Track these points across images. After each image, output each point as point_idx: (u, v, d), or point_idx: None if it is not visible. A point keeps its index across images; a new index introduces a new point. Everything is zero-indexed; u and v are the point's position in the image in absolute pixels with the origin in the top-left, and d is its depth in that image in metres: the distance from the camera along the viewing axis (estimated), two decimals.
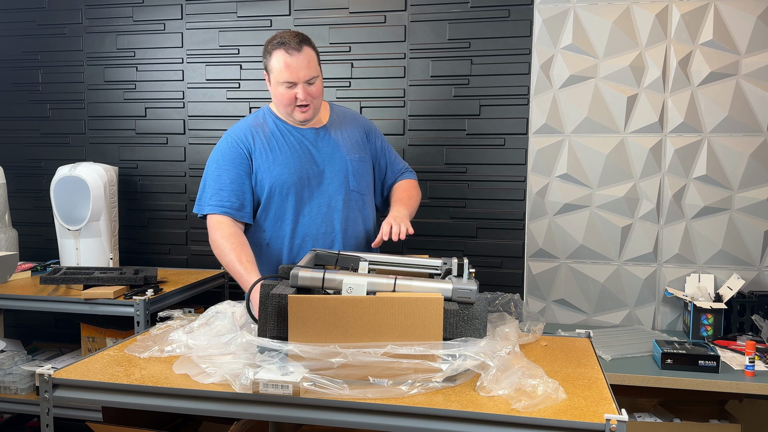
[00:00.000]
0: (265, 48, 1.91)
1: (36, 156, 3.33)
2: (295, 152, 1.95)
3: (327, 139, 2.00)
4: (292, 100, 1.88)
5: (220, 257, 1.86)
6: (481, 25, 2.79)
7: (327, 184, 1.97)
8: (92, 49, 3.21)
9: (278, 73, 1.86)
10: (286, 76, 1.85)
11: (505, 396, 1.25)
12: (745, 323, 2.51)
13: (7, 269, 2.72)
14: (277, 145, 1.95)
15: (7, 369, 2.72)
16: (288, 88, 1.87)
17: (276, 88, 1.89)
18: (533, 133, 2.72)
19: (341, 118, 2.08)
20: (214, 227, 1.89)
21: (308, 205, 1.95)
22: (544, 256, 2.75)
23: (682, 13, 2.55)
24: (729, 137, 2.57)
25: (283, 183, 1.93)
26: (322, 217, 1.96)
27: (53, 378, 1.37)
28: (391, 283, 1.40)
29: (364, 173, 2.05)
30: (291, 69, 1.84)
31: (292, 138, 1.97)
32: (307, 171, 1.95)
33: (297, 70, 1.84)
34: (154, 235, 3.22)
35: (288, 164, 1.94)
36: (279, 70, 1.85)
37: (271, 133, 1.97)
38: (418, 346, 1.28)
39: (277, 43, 1.86)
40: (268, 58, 1.89)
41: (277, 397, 1.25)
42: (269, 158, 1.94)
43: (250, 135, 1.96)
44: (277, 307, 1.36)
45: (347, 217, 1.99)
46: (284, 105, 1.91)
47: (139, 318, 2.38)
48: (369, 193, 2.08)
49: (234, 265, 1.80)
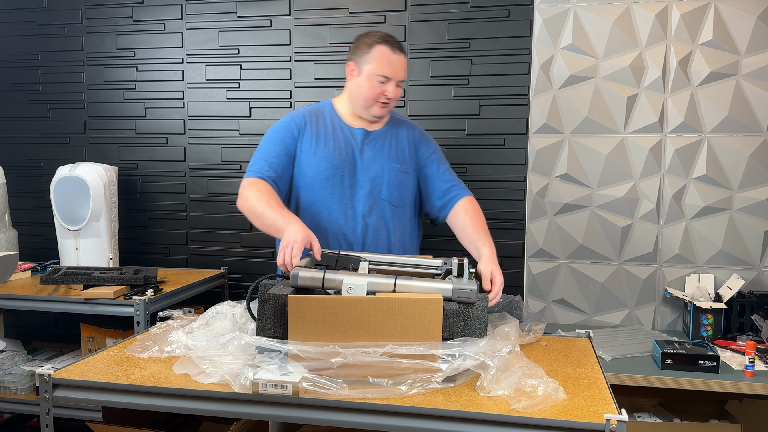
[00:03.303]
0: (361, 41, 1.96)
1: (36, 156, 3.33)
2: (339, 149, 1.98)
3: (373, 144, 2.01)
4: (380, 94, 1.94)
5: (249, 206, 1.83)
6: (481, 25, 2.79)
7: (359, 187, 1.98)
8: (92, 49, 3.21)
9: (378, 66, 1.91)
10: (387, 71, 1.91)
11: (505, 396, 1.25)
12: (745, 323, 2.51)
13: (7, 269, 2.72)
14: (324, 138, 1.99)
15: (7, 369, 2.72)
16: (381, 82, 1.92)
17: (368, 80, 1.93)
18: (533, 133, 2.72)
19: (396, 126, 2.08)
20: (249, 184, 1.89)
21: (336, 203, 1.96)
22: (544, 256, 2.75)
23: (682, 13, 2.55)
24: (729, 137, 2.57)
25: (319, 175, 1.96)
26: (345, 218, 1.96)
27: (53, 378, 1.37)
28: (391, 283, 1.40)
29: (402, 185, 2.02)
30: (393, 65, 1.91)
31: (341, 135, 2.00)
32: (344, 170, 1.97)
33: (397, 69, 1.93)
34: (154, 235, 3.22)
35: (328, 158, 1.96)
36: (381, 63, 1.91)
37: (324, 124, 2.01)
38: (418, 346, 1.28)
39: (380, 39, 1.93)
40: (366, 51, 1.93)
41: (276, 397, 1.25)
42: (312, 147, 1.98)
43: (304, 120, 2.01)
44: (275, 306, 1.36)
45: (370, 225, 1.98)
46: (369, 98, 1.95)
47: (139, 318, 2.38)
48: (405, 205, 2.05)
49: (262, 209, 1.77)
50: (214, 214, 3.15)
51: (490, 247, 1.83)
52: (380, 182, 1.99)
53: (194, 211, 3.17)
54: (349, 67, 1.99)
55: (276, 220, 1.72)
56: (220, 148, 3.11)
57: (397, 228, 2.03)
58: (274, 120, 3.04)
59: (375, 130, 2.04)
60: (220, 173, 3.13)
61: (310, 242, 1.61)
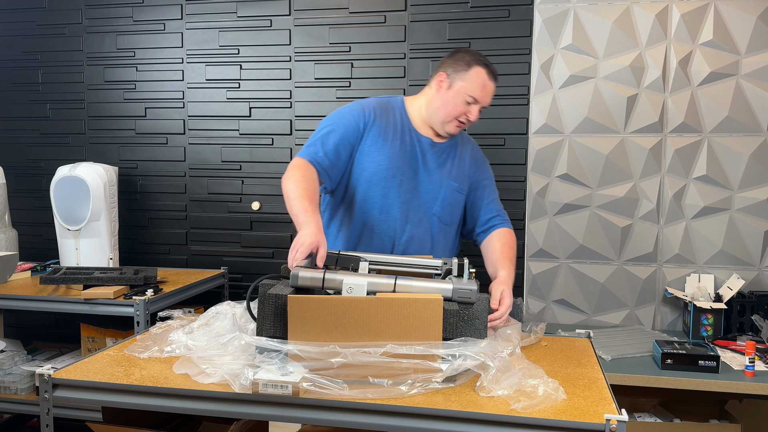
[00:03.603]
0: (460, 57, 1.90)
1: (36, 156, 3.33)
2: (405, 153, 1.93)
3: (437, 157, 1.96)
4: (462, 113, 1.89)
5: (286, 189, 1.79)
6: (481, 25, 2.79)
7: (414, 196, 1.93)
8: (92, 49, 3.21)
9: (471, 87, 1.87)
10: (478, 94, 1.87)
11: (505, 396, 1.25)
12: (745, 323, 2.51)
13: (7, 269, 2.72)
14: (392, 137, 1.94)
15: (7, 369, 2.72)
16: (468, 103, 1.88)
17: (455, 97, 1.88)
18: (533, 133, 2.72)
19: (461, 143, 2.03)
20: (298, 166, 1.84)
21: (389, 205, 1.92)
22: (544, 256, 2.75)
23: (682, 13, 2.55)
24: (729, 137, 2.57)
25: (379, 172, 1.91)
26: (393, 222, 1.92)
27: (53, 378, 1.37)
28: (392, 283, 1.40)
29: (454, 204, 1.98)
30: (485, 90, 1.88)
31: (408, 138, 1.95)
32: (404, 173, 1.92)
33: (487, 95, 1.90)
34: (154, 235, 3.23)
35: (392, 158, 1.91)
36: (475, 85, 1.87)
37: (393, 123, 1.96)
38: (418, 346, 1.28)
39: (481, 61, 1.88)
40: (464, 68, 1.88)
41: (276, 397, 1.25)
42: (378, 144, 1.92)
43: (373, 116, 1.95)
44: (275, 306, 1.35)
45: (416, 236, 1.94)
46: (450, 114, 1.90)
47: (139, 318, 2.38)
48: (453, 224, 2.01)
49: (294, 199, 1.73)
50: (214, 214, 3.15)
51: (508, 272, 1.80)
52: (435, 197, 1.94)
53: (194, 211, 3.17)
54: (439, 77, 1.92)
55: (299, 214, 1.68)
56: (220, 148, 3.11)
57: (440, 244, 1.98)
58: (274, 120, 3.04)
59: (441, 142, 1.98)
60: (220, 173, 3.13)
61: (318, 247, 1.57)
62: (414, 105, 2.00)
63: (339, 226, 1.99)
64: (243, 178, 3.10)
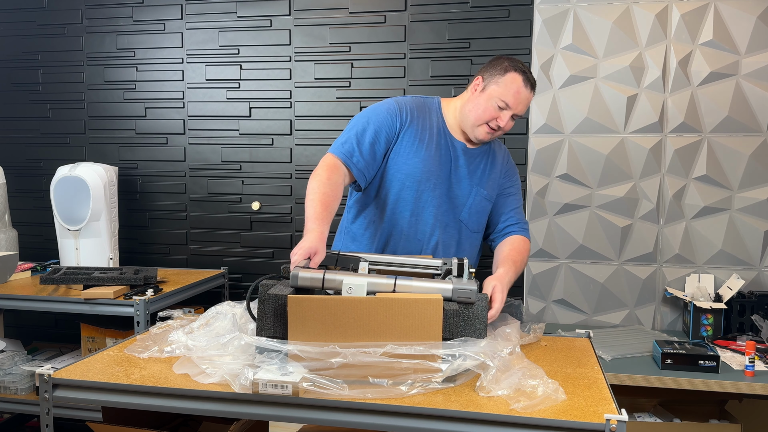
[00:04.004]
0: (499, 63, 1.86)
1: (36, 156, 3.33)
2: (440, 156, 1.90)
3: (470, 162, 1.93)
4: (492, 119, 1.85)
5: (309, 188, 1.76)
6: (481, 25, 2.79)
7: (444, 200, 1.91)
8: (92, 49, 3.21)
9: (504, 92, 1.83)
10: (511, 99, 1.83)
11: (505, 396, 1.25)
12: (745, 323, 2.51)
13: (7, 269, 2.72)
14: (428, 140, 1.91)
15: (7, 369, 2.72)
16: (500, 107, 1.84)
17: (487, 101, 1.85)
18: (533, 133, 2.72)
19: (495, 149, 2.00)
20: (328, 166, 1.81)
21: (419, 208, 1.90)
22: (544, 256, 2.75)
23: (682, 13, 2.55)
24: (729, 137, 2.57)
25: (413, 175, 1.88)
26: (423, 225, 1.91)
27: (53, 378, 1.37)
28: (391, 284, 1.40)
29: (482, 211, 1.96)
30: (518, 98, 1.83)
31: (443, 142, 1.92)
32: (438, 177, 1.90)
33: (520, 102, 1.84)
34: (154, 235, 3.23)
35: (427, 161, 1.89)
36: (508, 90, 1.83)
37: (429, 125, 1.92)
38: (418, 346, 1.28)
39: (518, 67, 1.84)
40: (500, 73, 1.84)
41: (276, 397, 1.25)
42: (414, 146, 1.89)
43: (411, 116, 1.91)
44: (274, 307, 1.36)
45: (442, 241, 1.92)
46: (480, 118, 1.86)
47: (139, 318, 2.38)
48: (480, 231, 1.99)
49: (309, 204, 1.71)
50: (214, 214, 3.15)
51: (506, 270, 1.77)
52: (464, 203, 1.92)
53: (194, 211, 3.17)
54: (476, 81, 1.89)
55: (309, 219, 1.66)
56: (220, 148, 3.11)
57: (466, 251, 1.96)
58: (274, 120, 3.04)
59: (474, 148, 1.95)
60: (220, 173, 3.13)
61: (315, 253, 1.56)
62: (450, 108, 1.96)
63: (367, 224, 1.96)
64: (243, 178, 3.10)
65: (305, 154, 3.02)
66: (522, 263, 1.88)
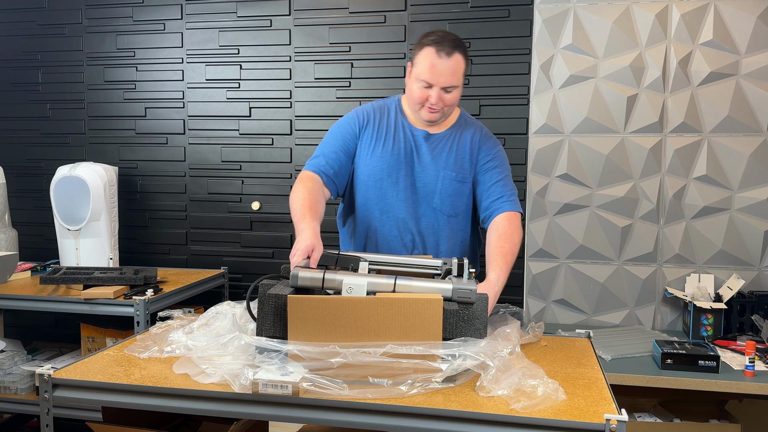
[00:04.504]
0: (419, 40, 1.83)
1: (36, 156, 3.33)
2: (398, 150, 1.92)
3: (432, 148, 1.92)
4: (424, 100, 1.83)
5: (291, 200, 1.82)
6: (481, 25, 2.79)
7: (412, 192, 1.92)
8: (92, 49, 3.21)
9: (421, 71, 1.80)
10: (428, 77, 1.79)
11: (505, 396, 1.25)
12: (745, 323, 2.51)
13: (7, 269, 2.72)
14: (385, 137, 1.93)
15: (7, 369, 2.72)
16: (424, 87, 1.81)
17: (413, 83, 1.84)
18: (533, 133, 2.72)
19: (460, 129, 1.96)
20: (302, 179, 1.87)
21: (387, 205, 1.92)
22: (544, 256, 2.75)
23: (682, 13, 2.55)
24: (729, 137, 2.57)
25: (374, 174, 1.91)
26: (395, 222, 1.92)
27: (53, 378, 1.37)
28: (391, 283, 1.40)
29: (456, 194, 1.92)
30: (434, 72, 1.78)
31: (402, 135, 1.93)
32: (399, 171, 1.91)
33: (439, 75, 1.79)
34: (154, 235, 3.23)
35: (385, 158, 1.91)
36: (422, 68, 1.80)
37: (387, 123, 1.95)
38: (418, 346, 1.28)
39: (431, 41, 1.79)
40: (417, 52, 1.82)
41: (276, 397, 1.25)
42: (371, 147, 1.93)
43: (366, 118, 1.96)
44: (274, 307, 1.36)
45: (420, 231, 1.93)
46: (414, 102, 1.86)
47: (139, 318, 2.38)
48: (459, 214, 1.95)
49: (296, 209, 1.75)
50: (214, 214, 3.15)
51: (497, 274, 1.70)
52: (433, 190, 1.91)
53: (194, 211, 3.17)
54: (409, 65, 1.88)
55: (298, 223, 1.71)
56: (220, 148, 3.11)
57: (449, 237, 1.94)
58: (274, 120, 3.04)
59: (437, 132, 1.93)
60: (220, 173, 3.13)
61: (313, 249, 1.57)
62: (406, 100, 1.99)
63: (351, 232, 2.02)
64: (243, 178, 3.10)
65: (305, 154, 3.02)
66: (512, 249, 1.80)
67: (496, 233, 1.83)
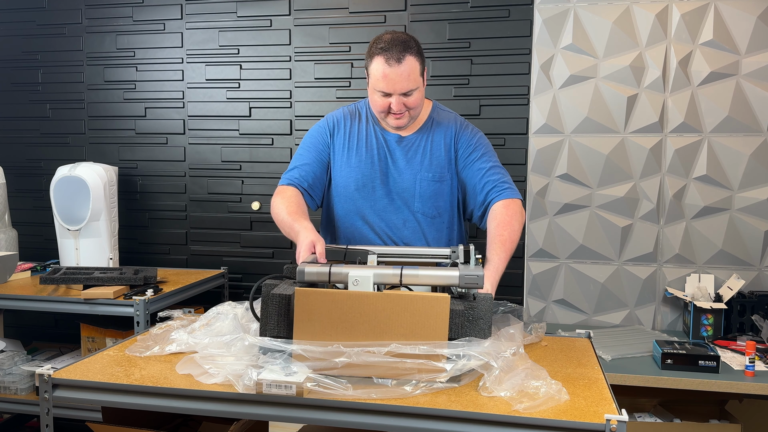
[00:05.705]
0: (369, 48, 1.79)
1: (36, 156, 3.33)
2: (371, 157, 1.88)
3: (406, 151, 1.88)
4: (386, 108, 1.80)
5: (275, 214, 1.80)
6: (481, 25, 2.80)
7: (390, 199, 1.89)
8: (92, 49, 3.21)
9: (375, 81, 1.77)
10: (383, 86, 1.75)
11: (507, 397, 1.25)
12: (745, 323, 2.51)
13: (7, 269, 2.72)
14: (357, 144, 1.89)
15: (7, 369, 2.72)
16: (383, 96, 1.78)
17: (372, 93, 1.81)
18: (533, 133, 2.72)
19: (433, 127, 1.91)
20: (279, 192, 1.85)
21: (367, 215, 1.89)
22: (544, 256, 2.75)
23: (682, 13, 2.56)
24: (729, 137, 2.57)
25: (349, 185, 1.88)
26: (378, 231, 1.89)
27: (53, 378, 1.37)
28: (398, 274, 1.39)
29: (436, 195, 1.88)
30: (388, 80, 1.74)
31: (374, 141, 1.90)
32: (374, 180, 1.88)
33: (394, 83, 1.74)
34: (154, 235, 3.22)
35: (359, 167, 1.88)
36: (376, 78, 1.76)
37: (358, 129, 1.91)
38: (422, 346, 1.28)
39: (379, 49, 1.74)
40: (369, 61, 1.78)
41: (280, 397, 1.25)
42: (345, 155, 1.90)
43: (335, 125, 1.92)
44: (278, 306, 1.35)
45: (404, 238, 1.89)
46: (377, 110, 1.83)
47: (138, 318, 2.38)
48: (442, 214, 1.91)
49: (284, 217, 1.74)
50: (214, 214, 3.15)
51: (495, 264, 1.67)
52: (411, 194, 1.88)
53: (194, 211, 3.17)
54: (366, 72, 1.85)
55: (292, 227, 1.69)
56: (220, 148, 3.11)
57: (435, 239, 1.92)
58: (274, 120, 3.04)
59: (409, 134, 1.89)
60: (220, 173, 3.13)
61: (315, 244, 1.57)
62: None
63: (331, 243, 1.98)
64: (243, 178, 3.10)
65: None
66: (512, 236, 1.75)
67: (494, 221, 1.79)
